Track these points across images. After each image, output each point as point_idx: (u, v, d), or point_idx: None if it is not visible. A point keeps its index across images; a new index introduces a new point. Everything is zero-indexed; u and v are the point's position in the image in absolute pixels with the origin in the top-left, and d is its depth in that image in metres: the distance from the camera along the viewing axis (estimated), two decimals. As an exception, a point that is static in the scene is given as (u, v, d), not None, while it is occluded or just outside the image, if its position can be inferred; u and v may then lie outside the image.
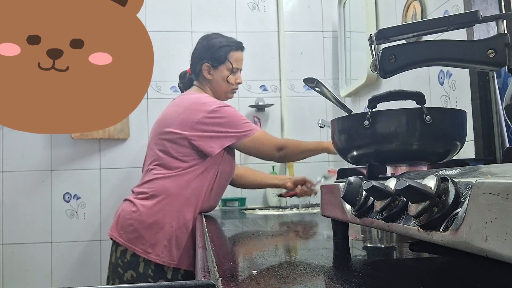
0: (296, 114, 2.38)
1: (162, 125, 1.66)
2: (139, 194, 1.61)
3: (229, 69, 1.73)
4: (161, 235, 1.53)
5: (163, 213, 1.55)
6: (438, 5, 1.41)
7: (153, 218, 1.55)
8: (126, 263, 1.54)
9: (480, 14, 0.63)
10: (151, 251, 1.52)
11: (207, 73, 1.72)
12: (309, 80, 0.83)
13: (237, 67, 1.75)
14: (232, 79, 1.74)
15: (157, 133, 1.67)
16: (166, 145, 1.62)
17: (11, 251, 2.19)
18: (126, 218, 1.57)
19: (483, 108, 1.19)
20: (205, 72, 1.72)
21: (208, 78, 1.72)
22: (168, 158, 1.61)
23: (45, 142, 2.23)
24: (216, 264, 0.64)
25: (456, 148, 0.75)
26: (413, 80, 1.55)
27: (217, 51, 1.71)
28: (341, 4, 2.27)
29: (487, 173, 0.41)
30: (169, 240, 1.54)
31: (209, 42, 1.74)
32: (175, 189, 1.58)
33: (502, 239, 0.34)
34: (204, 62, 1.71)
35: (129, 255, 1.54)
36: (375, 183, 0.51)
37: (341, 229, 0.80)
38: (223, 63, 1.72)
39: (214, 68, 1.72)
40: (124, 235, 1.56)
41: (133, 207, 1.58)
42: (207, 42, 1.74)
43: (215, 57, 1.71)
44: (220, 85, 1.73)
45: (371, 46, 0.67)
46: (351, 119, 0.77)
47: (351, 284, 0.49)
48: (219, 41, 1.74)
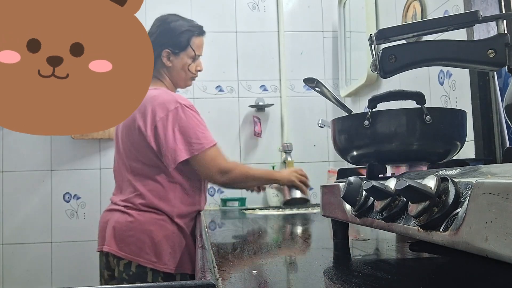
0: (296, 114, 2.38)
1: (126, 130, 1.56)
2: (130, 205, 1.51)
3: (190, 56, 1.61)
4: (164, 243, 1.47)
5: (162, 220, 1.49)
6: (438, 5, 1.41)
7: (153, 226, 1.48)
8: (133, 275, 1.46)
9: (480, 14, 0.63)
10: (156, 260, 1.45)
11: (167, 60, 1.60)
12: (309, 80, 0.83)
13: (199, 54, 1.64)
14: (193, 67, 1.63)
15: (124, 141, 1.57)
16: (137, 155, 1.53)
17: (11, 251, 2.19)
18: (124, 229, 1.48)
19: (483, 108, 1.19)
20: (165, 59, 1.59)
21: (168, 65, 1.60)
22: (143, 167, 1.52)
23: (45, 142, 2.23)
24: (216, 264, 0.64)
25: (456, 148, 0.75)
26: (413, 80, 1.55)
27: (178, 37, 1.59)
28: (341, 4, 2.27)
29: (487, 173, 0.41)
30: (172, 246, 1.48)
31: (169, 25, 1.61)
32: (165, 198, 1.51)
33: (502, 239, 0.34)
34: (164, 48, 1.58)
35: (134, 267, 1.46)
36: (375, 183, 0.51)
37: (341, 229, 0.80)
38: (185, 49, 1.60)
39: (175, 54, 1.60)
40: (126, 248, 1.46)
41: (128, 217, 1.49)
42: (166, 26, 1.61)
43: (176, 43, 1.59)
44: (179, 73, 1.62)
45: (371, 46, 0.67)
46: (351, 119, 0.77)
47: (351, 284, 0.49)
48: (179, 24, 1.61)
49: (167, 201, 1.52)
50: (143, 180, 1.53)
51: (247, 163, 2.29)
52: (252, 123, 2.34)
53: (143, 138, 1.49)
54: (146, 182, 1.53)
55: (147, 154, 1.51)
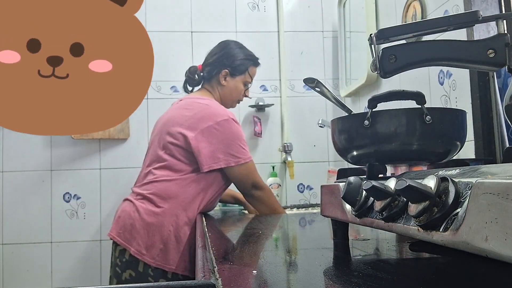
0: (296, 114, 2.38)
1: (168, 126, 1.65)
2: (139, 195, 1.60)
3: (245, 82, 1.78)
4: (158, 238, 1.53)
5: (162, 215, 1.55)
6: (438, 5, 1.41)
7: (151, 219, 1.54)
8: (125, 262, 1.54)
9: (480, 14, 0.63)
10: (145, 253, 1.52)
11: (223, 79, 1.74)
12: (309, 80, 0.83)
13: (251, 82, 1.81)
14: (243, 91, 1.80)
15: (162, 134, 1.66)
16: (171, 147, 1.61)
17: (11, 251, 2.19)
18: (126, 218, 1.57)
19: (483, 108, 1.19)
20: (221, 78, 1.74)
21: (223, 84, 1.75)
22: (172, 160, 1.61)
23: (45, 142, 2.23)
24: (216, 264, 0.64)
25: (456, 148, 0.75)
26: (413, 80, 1.55)
27: (239, 62, 1.75)
28: (341, 4, 2.27)
29: (487, 173, 0.41)
30: (165, 243, 1.53)
31: (232, 50, 1.77)
32: (176, 193, 1.57)
33: (502, 239, 0.34)
34: (224, 68, 1.74)
35: (128, 254, 1.54)
36: (375, 183, 0.51)
37: (341, 229, 0.80)
38: (242, 74, 1.76)
39: (232, 76, 1.75)
40: (122, 235, 1.56)
41: (132, 207, 1.58)
42: (229, 50, 1.77)
43: (236, 66, 1.75)
44: (232, 94, 1.77)
45: (371, 46, 0.67)
46: (351, 119, 0.77)
47: (351, 284, 0.49)
48: (241, 52, 1.78)
49: (177, 196, 1.57)
50: (164, 170, 1.61)
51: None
52: (252, 123, 2.34)
53: (185, 136, 1.59)
54: (165, 172, 1.60)
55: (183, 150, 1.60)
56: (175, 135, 1.61)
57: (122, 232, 1.56)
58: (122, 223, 1.58)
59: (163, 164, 1.62)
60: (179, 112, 1.66)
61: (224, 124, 1.59)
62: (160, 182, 1.59)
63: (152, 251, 1.52)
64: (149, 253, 1.52)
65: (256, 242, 0.96)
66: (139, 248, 1.52)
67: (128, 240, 1.54)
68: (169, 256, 1.53)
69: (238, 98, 1.80)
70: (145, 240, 1.53)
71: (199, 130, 1.58)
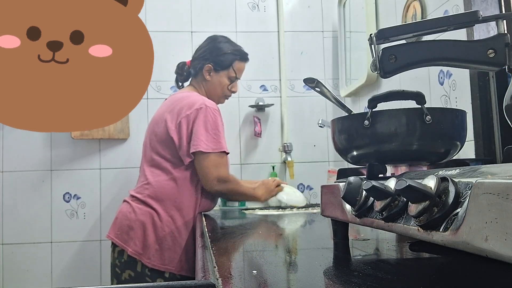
0: (296, 114, 2.38)
1: (154, 126, 1.67)
2: (135, 196, 1.62)
3: (230, 77, 1.75)
4: (152, 239, 1.54)
5: (157, 216, 1.56)
6: (438, 5, 1.41)
7: (147, 220, 1.56)
8: (124, 263, 1.55)
9: (480, 14, 0.63)
10: (142, 253, 1.54)
11: (207, 74, 1.73)
12: (309, 80, 0.83)
13: (238, 77, 1.77)
14: (229, 87, 1.76)
15: (151, 135, 1.68)
16: (158, 148, 1.62)
17: (11, 251, 2.18)
18: (123, 219, 1.59)
19: (483, 108, 1.19)
20: (205, 73, 1.73)
21: (207, 79, 1.73)
22: (161, 160, 1.61)
23: (45, 142, 2.23)
24: (216, 264, 0.64)
25: (456, 148, 0.75)
26: (413, 80, 1.55)
27: (223, 56, 1.72)
28: (341, 4, 2.27)
29: (487, 173, 0.41)
30: (160, 244, 1.55)
31: (217, 44, 1.75)
32: (170, 193, 1.58)
33: (502, 239, 0.34)
34: (207, 63, 1.72)
35: (126, 255, 1.55)
36: (375, 183, 0.51)
37: (341, 229, 0.80)
38: (226, 69, 1.73)
39: (216, 71, 1.73)
40: (120, 236, 1.57)
41: (129, 208, 1.59)
42: (214, 44, 1.75)
43: (219, 61, 1.72)
44: (216, 89, 1.75)
45: (371, 46, 0.67)
46: (351, 119, 0.77)
47: (351, 284, 0.49)
48: (226, 46, 1.75)
49: (171, 197, 1.58)
50: (155, 171, 1.62)
51: (247, 163, 2.29)
52: (252, 123, 2.34)
53: (166, 130, 1.59)
54: (157, 173, 1.61)
55: (168, 146, 1.60)
56: (159, 134, 1.62)
57: (120, 233, 1.58)
58: (120, 224, 1.59)
59: (154, 164, 1.63)
60: (162, 111, 1.67)
61: (201, 112, 1.56)
62: (153, 183, 1.60)
63: (148, 251, 1.53)
64: (145, 254, 1.53)
65: (256, 242, 0.96)
66: (136, 248, 1.54)
67: (126, 240, 1.56)
68: (165, 256, 1.54)
69: (224, 94, 1.77)
70: (142, 241, 1.54)
71: (177, 121, 1.58)
